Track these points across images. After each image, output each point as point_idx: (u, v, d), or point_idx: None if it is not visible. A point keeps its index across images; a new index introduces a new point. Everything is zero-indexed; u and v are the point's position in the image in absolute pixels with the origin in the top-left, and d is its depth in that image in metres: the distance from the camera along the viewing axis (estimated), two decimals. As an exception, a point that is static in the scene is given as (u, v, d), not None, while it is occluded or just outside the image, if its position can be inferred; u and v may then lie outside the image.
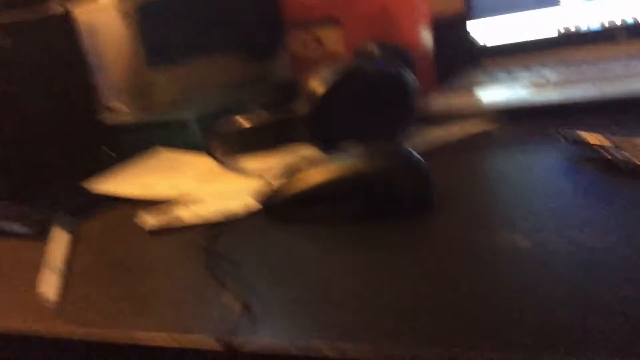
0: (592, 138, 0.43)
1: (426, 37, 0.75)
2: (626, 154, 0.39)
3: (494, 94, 0.64)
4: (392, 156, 0.42)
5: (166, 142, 0.68)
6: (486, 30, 0.80)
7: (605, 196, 0.38)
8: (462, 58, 0.80)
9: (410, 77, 0.55)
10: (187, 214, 0.49)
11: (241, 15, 0.80)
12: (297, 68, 0.78)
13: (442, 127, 0.59)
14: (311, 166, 0.44)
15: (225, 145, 0.58)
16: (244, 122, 0.57)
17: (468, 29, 0.81)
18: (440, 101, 0.65)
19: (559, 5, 0.75)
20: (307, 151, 0.57)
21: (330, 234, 0.41)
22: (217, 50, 0.77)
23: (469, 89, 0.68)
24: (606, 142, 0.41)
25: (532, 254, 0.33)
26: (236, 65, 0.80)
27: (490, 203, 0.41)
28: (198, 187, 0.57)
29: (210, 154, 0.60)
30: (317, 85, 0.53)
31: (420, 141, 0.56)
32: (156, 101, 0.72)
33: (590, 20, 0.74)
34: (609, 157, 0.40)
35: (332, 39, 0.72)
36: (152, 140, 0.68)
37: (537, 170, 0.46)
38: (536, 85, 0.64)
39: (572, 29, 0.75)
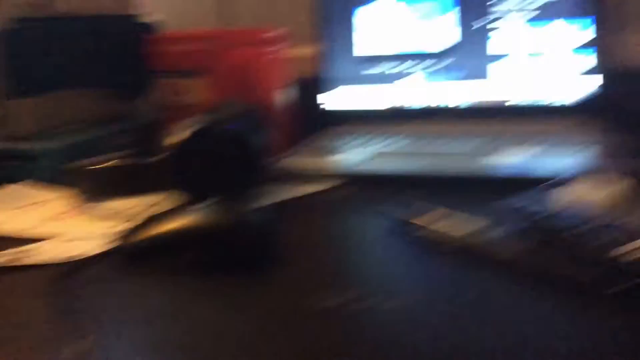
0: (416, 213, 0.50)
1: (285, 97, 0.82)
2: (442, 231, 0.47)
3: (340, 159, 0.71)
4: (239, 213, 0.46)
5: (20, 176, 0.67)
6: (341, 97, 0.89)
7: (419, 267, 0.45)
8: (317, 120, 0.88)
9: (260, 139, 0.61)
10: (35, 254, 0.49)
11: (110, 54, 0.81)
12: (161, 113, 0.80)
13: (289, 187, 0.65)
14: (164, 215, 0.47)
15: (83, 184, 0.59)
16: (103, 164, 0.58)
17: (325, 93, 0.89)
18: (290, 162, 0.71)
19: (402, 84, 0.86)
20: (163, 198, 0.60)
21: (174, 284, 0.43)
22: (81, 86, 0.78)
23: (319, 151, 0.75)
24: (427, 219, 0.49)
25: (354, 315, 0.38)
26: (101, 102, 0.81)
27: (323, 265, 0.46)
28: (49, 225, 0.57)
29: (66, 191, 0.61)
30: (174, 136, 0.57)
31: (266, 200, 0.61)
32: (12, 132, 0.71)
33: (426, 99, 0.85)
34: (428, 233, 0.48)
35: (197, 89, 0.75)
36: (4, 173, 0.67)
37: (368, 237, 0.52)
38: (379, 154, 0.72)
39: (410, 105, 0.86)
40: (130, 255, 0.46)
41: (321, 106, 0.90)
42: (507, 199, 0.50)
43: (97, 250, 0.49)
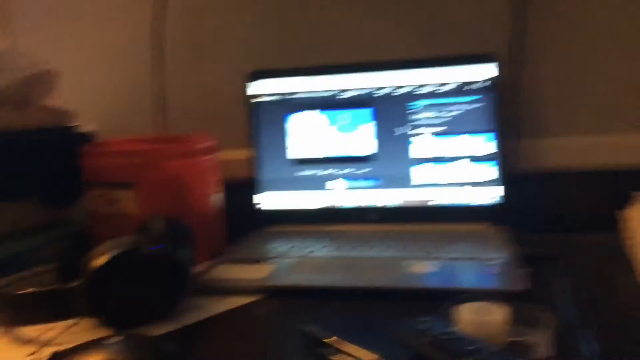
0: (322, 338, 0.52)
1: (216, 203, 0.84)
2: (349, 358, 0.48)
3: (266, 267, 0.73)
4: (147, 351, 0.47)
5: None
6: (271, 200, 0.92)
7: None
8: (250, 221, 0.91)
9: (185, 256, 0.62)
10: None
11: (43, 165, 0.82)
12: (93, 221, 0.81)
13: (214, 300, 0.66)
14: (73, 353, 0.47)
15: (3, 308, 0.59)
16: (21, 288, 0.58)
17: (256, 196, 0.92)
18: (217, 273, 0.72)
19: (329, 188, 0.91)
20: (86, 324, 0.60)
21: None
22: (10, 196, 0.78)
23: (247, 258, 0.77)
24: (336, 344, 0.50)
25: None
26: (31, 211, 0.81)
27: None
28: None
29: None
30: (93, 261, 0.58)
31: (190, 314, 0.62)
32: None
33: (351, 202, 0.90)
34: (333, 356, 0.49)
35: (127, 200, 0.77)
36: None
37: (285, 358, 0.53)
38: (304, 261, 0.74)
39: (336, 207, 0.90)
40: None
41: (253, 207, 0.92)
42: (414, 319, 0.52)
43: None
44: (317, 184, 0.91)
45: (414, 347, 0.48)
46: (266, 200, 0.93)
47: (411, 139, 0.88)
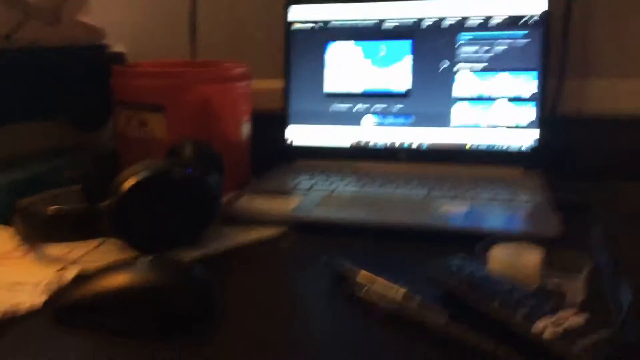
0: (353, 273, 0.51)
1: (245, 132, 0.83)
2: (377, 293, 0.48)
3: (293, 200, 0.72)
4: (176, 273, 0.47)
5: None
6: (300, 133, 0.90)
7: (355, 329, 0.47)
8: (277, 154, 0.90)
9: (215, 182, 0.62)
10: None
11: (72, 85, 0.81)
12: (121, 145, 0.81)
13: (240, 230, 0.65)
14: (101, 272, 0.47)
15: (28, 225, 0.60)
16: (50, 207, 0.58)
17: (285, 129, 0.90)
18: (244, 204, 0.72)
19: (361, 125, 0.88)
20: (112, 245, 0.60)
21: (106, 344, 0.44)
22: (37, 115, 0.78)
23: (274, 190, 0.76)
24: (364, 279, 0.50)
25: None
26: (57, 132, 0.80)
27: (261, 325, 0.47)
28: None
29: (14, 230, 0.61)
30: (124, 182, 0.57)
31: (216, 242, 0.62)
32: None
33: (381, 139, 0.88)
34: (365, 293, 0.49)
35: (157, 123, 0.76)
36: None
37: (311, 291, 0.53)
38: (332, 196, 0.73)
39: (366, 144, 0.88)
40: (63, 313, 0.47)
41: (282, 139, 0.91)
42: (444, 258, 0.51)
43: (31, 303, 0.49)
44: (349, 119, 0.89)
45: (444, 286, 0.47)
46: (296, 134, 0.91)
47: (451, 75, 0.84)
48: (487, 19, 0.83)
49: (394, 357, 0.42)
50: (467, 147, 0.84)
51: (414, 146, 0.87)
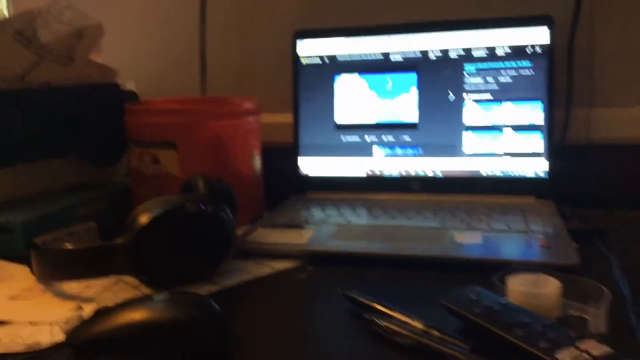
0: (370, 304, 0.51)
1: (257, 166, 0.83)
2: (389, 326, 0.47)
3: (305, 235, 0.72)
4: (194, 307, 0.47)
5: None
6: (311, 165, 0.91)
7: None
8: (289, 187, 0.90)
9: (228, 216, 0.62)
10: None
11: (87, 123, 0.82)
12: (135, 181, 0.81)
13: (255, 264, 0.65)
14: (120, 307, 0.47)
15: (44, 263, 0.60)
16: (65, 244, 0.59)
17: (296, 161, 0.91)
18: (257, 236, 0.72)
19: (372, 156, 0.89)
20: (127, 283, 0.60)
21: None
22: (51, 154, 0.79)
23: (286, 226, 0.76)
24: (383, 311, 0.50)
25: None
26: (72, 170, 0.81)
27: (281, 356, 0.47)
28: (9, 305, 0.57)
29: (30, 268, 0.61)
30: (138, 218, 0.57)
31: (231, 276, 0.62)
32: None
33: (392, 170, 0.88)
34: (378, 325, 0.48)
35: (169, 160, 0.77)
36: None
37: (328, 324, 0.53)
38: (341, 231, 0.73)
39: (378, 175, 0.89)
40: (82, 348, 0.47)
41: (294, 172, 0.91)
42: (461, 289, 0.51)
43: (51, 340, 0.49)
44: (359, 150, 0.89)
45: (463, 317, 0.47)
46: (307, 166, 0.92)
47: (457, 105, 0.85)
48: (490, 49, 0.84)
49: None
50: (477, 176, 0.85)
51: (425, 176, 0.87)
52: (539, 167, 0.83)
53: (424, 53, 0.86)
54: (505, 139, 0.84)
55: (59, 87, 0.79)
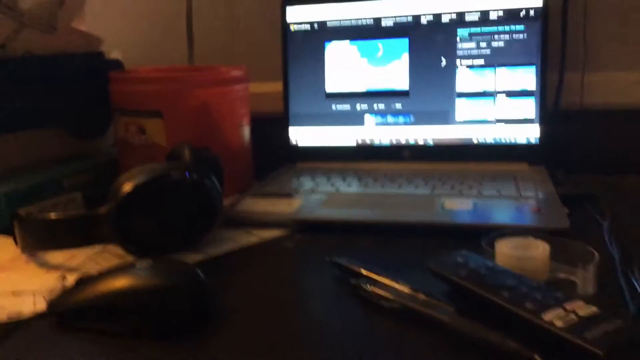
0: (358, 271, 0.50)
1: (245, 135, 0.82)
2: (375, 290, 0.47)
3: (296, 201, 0.71)
4: (176, 275, 0.46)
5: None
6: (302, 135, 0.90)
7: (362, 325, 0.46)
8: (279, 157, 0.89)
9: (214, 185, 0.61)
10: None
11: (71, 93, 0.80)
12: (121, 151, 0.80)
13: (243, 233, 0.65)
14: (102, 276, 0.47)
15: (28, 233, 0.59)
16: (50, 213, 0.58)
17: (286, 131, 0.90)
18: (246, 207, 0.71)
19: (363, 124, 0.88)
20: (112, 253, 0.60)
21: (107, 347, 0.43)
22: (35, 124, 0.77)
23: (274, 195, 0.75)
24: (370, 276, 0.49)
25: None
26: (57, 141, 0.80)
27: (266, 325, 0.46)
28: (-9, 275, 0.56)
29: (13, 238, 0.60)
30: (121, 186, 0.56)
31: (218, 245, 0.61)
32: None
33: (383, 139, 0.87)
34: (365, 290, 0.48)
35: (156, 129, 0.75)
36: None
37: (314, 290, 0.52)
38: (336, 195, 0.72)
39: (369, 144, 0.88)
40: (65, 317, 0.46)
41: (283, 142, 0.90)
42: (449, 253, 0.50)
43: (33, 309, 0.48)
44: (350, 119, 0.88)
45: (450, 280, 0.46)
46: (297, 136, 0.90)
47: (450, 72, 0.84)
48: (483, 13, 0.82)
49: (401, 353, 0.41)
50: (469, 143, 0.84)
51: (416, 144, 0.86)
52: (531, 133, 0.82)
53: (416, 18, 0.84)
54: (498, 105, 0.83)
55: (41, 56, 0.77)
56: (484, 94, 0.83)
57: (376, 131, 0.87)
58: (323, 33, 0.88)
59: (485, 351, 0.39)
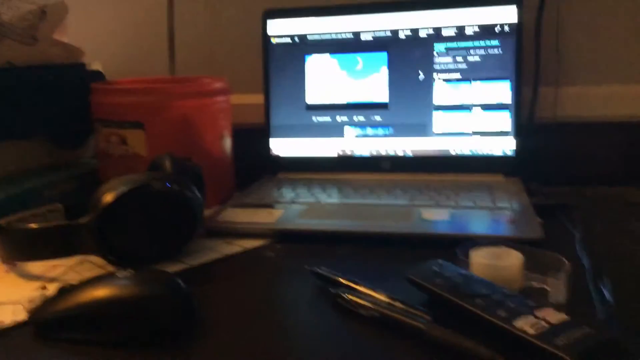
0: (336, 279, 0.51)
1: (226, 147, 0.83)
2: (354, 299, 0.48)
3: (275, 214, 0.72)
4: (157, 284, 0.47)
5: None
6: (282, 146, 0.91)
7: (339, 333, 0.47)
8: (260, 167, 0.90)
9: (195, 195, 0.61)
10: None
11: (52, 103, 0.80)
12: (102, 162, 0.80)
13: (224, 243, 0.65)
14: (83, 286, 0.47)
15: (7, 244, 0.59)
16: (31, 223, 0.58)
17: (267, 142, 0.91)
18: (227, 217, 0.71)
19: (343, 136, 0.89)
20: (93, 263, 0.60)
21: (88, 358, 0.43)
22: (16, 135, 0.77)
23: (255, 205, 0.75)
24: (348, 286, 0.50)
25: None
26: (37, 151, 0.80)
27: (246, 334, 0.47)
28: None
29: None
30: (102, 197, 0.57)
31: (199, 255, 0.62)
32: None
33: (363, 150, 0.89)
34: (344, 299, 0.49)
35: (137, 140, 0.76)
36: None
37: (295, 300, 0.53)
38: (311, 210, 0.73)
39: (348, 155, 0.89)
40: (45, 327, 0.46)
41: (264, 153, 0.91)
42: (424, 263, 0.51)
43: (13, 319, 0.49)
44: (330, 131, 0.89)
45: (426, 289, 0.47)
46: (278, 147, 0.91)
47: (427, 85, 0.85)
48: (460, 28, 0.84)
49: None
50: (446, 155, 0.85)
51: (395, 155, 0.88)
52: (507, 146, 0.84)
53: (394, 32, 0.86)
54: (474, 118, 0.84)
55: (22, 67, 0.77)
56: (460, 107, 0.85)
57: (356, 143, 0.89)
58: (304, 46, 0.90)
59: (460, 358, 0.40)
